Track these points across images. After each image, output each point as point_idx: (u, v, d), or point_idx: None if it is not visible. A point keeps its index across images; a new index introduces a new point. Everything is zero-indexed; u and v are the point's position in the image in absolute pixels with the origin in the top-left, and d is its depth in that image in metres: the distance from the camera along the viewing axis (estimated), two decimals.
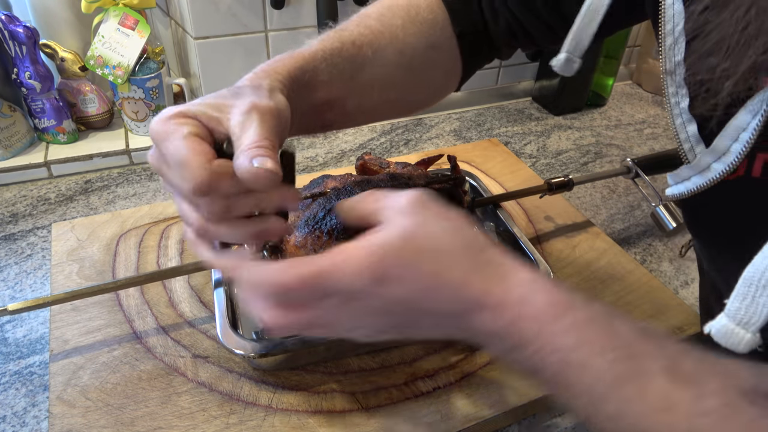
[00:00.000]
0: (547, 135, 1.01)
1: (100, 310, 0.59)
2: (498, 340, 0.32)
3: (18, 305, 0.51)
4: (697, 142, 0.37)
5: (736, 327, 0.30)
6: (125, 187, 0.81)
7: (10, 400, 0.52)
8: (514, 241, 0.64)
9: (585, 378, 0.30)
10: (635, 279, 0.67)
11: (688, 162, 0.39)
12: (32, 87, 0.79)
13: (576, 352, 0.30)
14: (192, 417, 0.49)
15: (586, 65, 1.03)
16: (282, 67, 0.41)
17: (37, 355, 0.56)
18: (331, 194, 0.57)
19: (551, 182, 0.70)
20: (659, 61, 0.37)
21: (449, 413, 0.50)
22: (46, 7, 0.82)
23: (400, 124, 1.02)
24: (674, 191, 0.40)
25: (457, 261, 0.32)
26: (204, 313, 0.59)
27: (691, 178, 0.38)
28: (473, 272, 0.32)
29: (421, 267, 0.32)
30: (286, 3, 0.84)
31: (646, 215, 0.81)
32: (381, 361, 0.55)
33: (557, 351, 0.30)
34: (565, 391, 0.31)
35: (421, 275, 0.32)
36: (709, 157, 0.36)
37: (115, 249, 0.67)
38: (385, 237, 0.32)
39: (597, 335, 0.30)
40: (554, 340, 0.30)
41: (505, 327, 0.31)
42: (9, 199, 0.78)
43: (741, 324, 0.30)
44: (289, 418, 0.49)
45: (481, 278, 0.32)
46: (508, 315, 0.31)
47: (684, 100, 0.37)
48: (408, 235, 0.32)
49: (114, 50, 0.81)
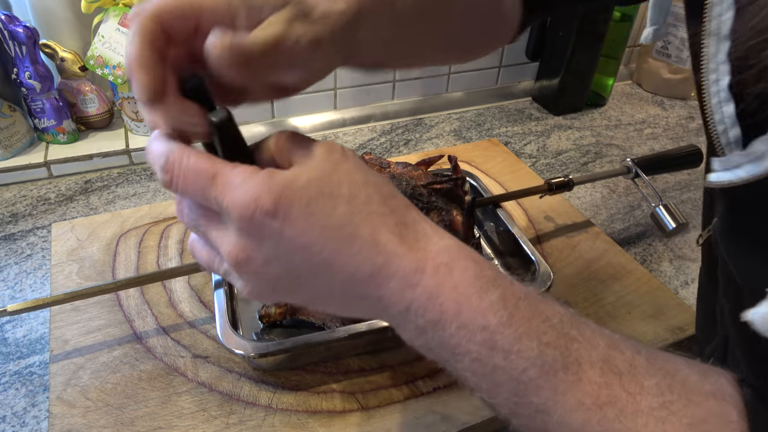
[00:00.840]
0: (547, 135, 1.01)
1: (100, 310, 0.59)
2: (412, 315, 0.27)
3: (17, 306, 0.51)
4: (732, 125, 0.35)
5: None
6: (125, 187, 0.81)
7: (10, 400, 0.52)
8: (514, 241, 0.64)
9: (514, 363, 0.26)
10: (635, 279, 0.67)
11: (720, 145, 0.36)
12: (32, 87, 0.79)
13: (504, 333, 0.26)
14: (192, 417, 0.49)
15: (587, 65, 1.03)
16: None
17: (37, 355, 0.56)
18: None
19: (551, 182, 0.70)
20: (701, 30, 0.32)
21: (449, 413, 0.50)
22: (46, 7, 0.82)
23: (400, 124, 1.02)
24: (721, 178, 0.37)
25: (372, 215, 0.28)
26: (204, 313, 0.59)
27: (743, 165, 0.34)
28: (389, 231, 0.28)
29: (329, 212, 0.27)
30: None
31: (646, 215, 0.81)
32: (381, 361, 0.55)
33: (483, 330, 0.26)
34: (486, 381, 0.27)
35: (327, 221, 0.27)
36: (763, 145, 0.32)
37: (115, 249, 0.67)
38: (293, 173, 0.27)
39: (528, 315, 0.27)
40: (480, 317, 0.27)
41: (421, 298, 0.27)
42: (9, 199, 0.78)
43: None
44: (289, 418, 0.49)
45: (398, 240, 0.28)
46: (425, 284, 0.27)
47: (724, 78, 0.34)
48: (319, 175, 0.27)
49: (114, 50, 0.81)
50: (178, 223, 0.71)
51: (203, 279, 0.63)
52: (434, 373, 0.54)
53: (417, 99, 1.05)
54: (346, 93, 0.99)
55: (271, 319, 0.57)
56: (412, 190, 0.58)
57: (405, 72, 1.01)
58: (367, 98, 1.02)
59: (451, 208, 0.59)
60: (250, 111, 0.93)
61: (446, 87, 1.08)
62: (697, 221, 0.81)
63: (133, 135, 0.88)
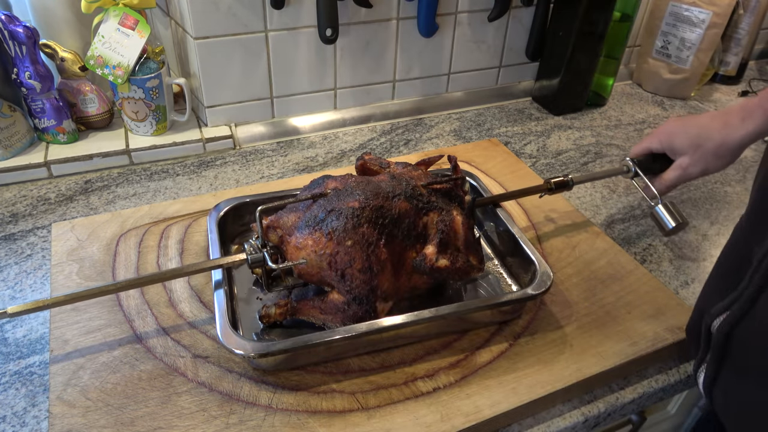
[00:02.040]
0: (547, 135, 1.01)
1: (100, 310, 0.59)
2: None
3: (17, 308, 0.51)
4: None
5: None
6: (125, 187, 0.81)
7: (10, 400, 0.52)
8: (514, 241, 0.64)
9: None
10: (635, 279, 0.67)
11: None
12: (32, 87, 0.79)
13: None
14: (192, 417, 0.49)
15: (587, 65, 1.03)
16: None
17: (37, 355, 0.56)
18: (332, 195, 0.57)
19: (551, 182, 0.70)
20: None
21: (449, 413, 0.50)
22: (46, 7, 0.82)
23: (400, 124, 1.02)
24: None
25: None
26: (204, 313, 0.59)
27: None
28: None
29: None
30: (286, 3, 0.84)
31: (646, 215, 0.81)
32: (381, 361, 0.55)
33: None
34: None
35: None
36: None
37: (115, 249, 0.67)
38: None
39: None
40: None
41: None
42: (9, 199, 0.78)
43: None
44: (289, 418, 0.49)
45: None
46: None
47: None
48: None
49: (114, 50, 0.81)
50: (177, 222, 0.71)
51: (203, 279, 0.63)
52: (434, 373, 0.54)
53: (417, 99, 1.05)
54: (346, 93, 0.99)
55: (271, 319, 0.57)
56: (411, 190, 0.58)
57: (405, 72, 1.01)
58: (367, 98, 1.02)
59: (451, 208, 0.59)
60: (250, 111, 0.93)
61: (446, 87, 1.08)
62: (697, 221, 0.81)
63: (133, 135, 0.88)
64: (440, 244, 0.56)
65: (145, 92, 0.84)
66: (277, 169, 0.87)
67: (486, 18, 1.01)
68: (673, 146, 0.67)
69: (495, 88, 1.12)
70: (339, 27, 0.87)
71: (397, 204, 0.56)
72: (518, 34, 1.07)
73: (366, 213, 0.54)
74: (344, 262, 0.53)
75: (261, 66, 0.89)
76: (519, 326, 0.60)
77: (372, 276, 0.53)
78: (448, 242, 0.57)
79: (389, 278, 0.54)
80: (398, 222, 0.55)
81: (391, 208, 0.55)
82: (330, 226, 0.53)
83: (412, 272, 0.56)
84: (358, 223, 0.53)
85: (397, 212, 0.55)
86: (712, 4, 1.06)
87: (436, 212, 0.58)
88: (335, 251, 0.53)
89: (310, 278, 0.56)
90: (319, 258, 0.53)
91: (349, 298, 0.53)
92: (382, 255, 0.53)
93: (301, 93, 0.95)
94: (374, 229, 0.54)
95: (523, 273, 0.63)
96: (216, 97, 0.90)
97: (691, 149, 0.64)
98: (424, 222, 0.57)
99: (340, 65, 0.95)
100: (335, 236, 0.53)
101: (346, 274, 0.53)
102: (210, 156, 0.90)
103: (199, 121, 0.94)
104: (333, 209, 0.54)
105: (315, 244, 0.54)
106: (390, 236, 0.54)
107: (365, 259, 0.52)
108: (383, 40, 0.95)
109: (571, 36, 0.98)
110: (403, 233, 0.55)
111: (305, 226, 0.55)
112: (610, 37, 1.02)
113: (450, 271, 0.57)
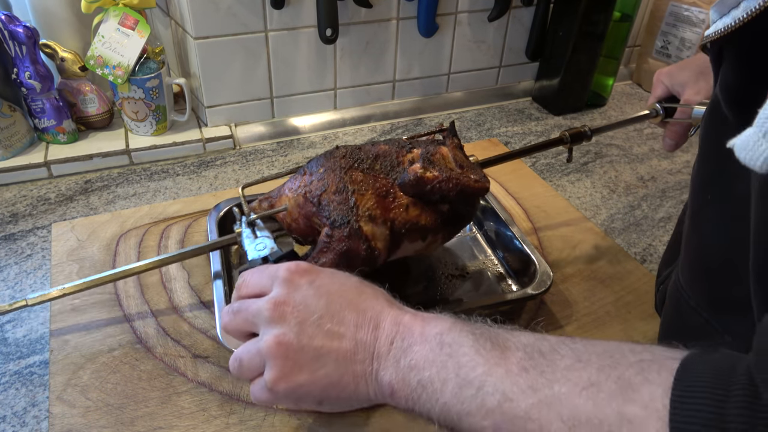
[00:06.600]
0: (547, 135, 1.01)
1: (100, 310, 0.59)
2: (397, 340, 0.37)
3: (37, 298, 0.52)
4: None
5: (761, 138, 0.26)
6: (125, 187, 0.81)
7: (10, 400, 0.52)
8: (514, 241, 0.64)
9: (455, 350, 0.34)
10: (635, 279, 0.67)
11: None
12: (32, 87, 0.79)
13: (449, 334, 0.36)
14: (192, 417, 0.49)
15: (586, 65, 1.03)
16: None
17: (37, 355, 0.56)
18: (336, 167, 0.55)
19: (567, 134, 0.68)
20: None
21: None
22: (46, 7, 0.82)
23: (400, 125, 1.02)
24: (718, 26, 0.35)
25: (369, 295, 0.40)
26: (204, 313, 0.59)
27: (741, 3, 0.33)
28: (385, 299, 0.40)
29: (344, 280, 0.41)
30: (286, 3, 0.84)
31: (647, 215, 0.81)
32: None
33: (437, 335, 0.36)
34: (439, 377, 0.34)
35: (345, 280, 0.41)
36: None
37: (115, 249, 0.67)
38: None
39: (463, 325, 0.37)
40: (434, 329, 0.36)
41: (398, 329, 0.37)
42: (9, 199, 0.78)
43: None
44: (289, 418, 0.49)
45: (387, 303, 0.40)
46: (404, 320, 0.38)
47: None
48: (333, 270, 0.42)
49: (114, 50, 0.81)
50: (177, 222, 0.71)
51: (203, 279, 0.63)
52: None
53: (417, 99, 1.05)
54: (346, 93, 0.99)
55: None
56: (397, 144, 0.57)
57: (405, 72, 1.01)
58: (367, 98, 1.02)
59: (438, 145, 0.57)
60: (250, 111, 0.93)
61: (446, 87, 1.08)
62: None
63: (133, 135, 0.88)
64: (426, 161, 0.53)
65: (145, 92, 0.84)
66: (277, 169, 0.87)
67: (486, 18, 1.01)
68: (678, 81, 0.68)
69: (495, 88, 1.12)
70: (339, 27, 0.87)
71: (377, 147, 0.56)
72: (518, 34, 1.07)
73: (341, 151, 0.55)
74: (318, 188, 0.52)
75: (261, 66, 0.89)
76: (519, 326, 0.59)
77: (348, 195, 0.51)
78: (434, 162, 0.54)
79: (372, 199, 0.51)
80: (378, 158, 0.55)
81: (370, 150, 0.55)
82: (306, 168, 0.55)
83: (407, 204, 0.53)
84: (331, 156, 0.54)
85: (375, 152, 0.55)
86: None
87: (420, 148, 0.56)
88: (309, 182, 0.53)
89: (298, 229, 0.55)
90: (296, 197, 0.54)
91: (329, 225, 0.51)
92: (357, 177, 0.52)
93: (301, 93, 0.95)
94: (350, 159, 0.54)
95: (523, 273, 0.63)
96: (216, 97, 0.90)
97: (693, 78, 0.66)
98: (408, 159, 0.55)
99: (340, 65, 0.95)
100: (308, 171, 0.54)
101: (322, 200, 0.52)
102: (210, 156, 0.90)
103: (199, 121, 0.94)
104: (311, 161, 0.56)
105: (293, 186, 0.55)
106: (370, 169, 0.53)
107: (338, 181, 0.52)
108: (383, 40, 0.96)
109: (571, 36, 0.98)
110: (385, 169, 0.54)
111: (287, 184, 0.56)
112: (610, 37, 1.02)
113: (441, 182, 0.52)
